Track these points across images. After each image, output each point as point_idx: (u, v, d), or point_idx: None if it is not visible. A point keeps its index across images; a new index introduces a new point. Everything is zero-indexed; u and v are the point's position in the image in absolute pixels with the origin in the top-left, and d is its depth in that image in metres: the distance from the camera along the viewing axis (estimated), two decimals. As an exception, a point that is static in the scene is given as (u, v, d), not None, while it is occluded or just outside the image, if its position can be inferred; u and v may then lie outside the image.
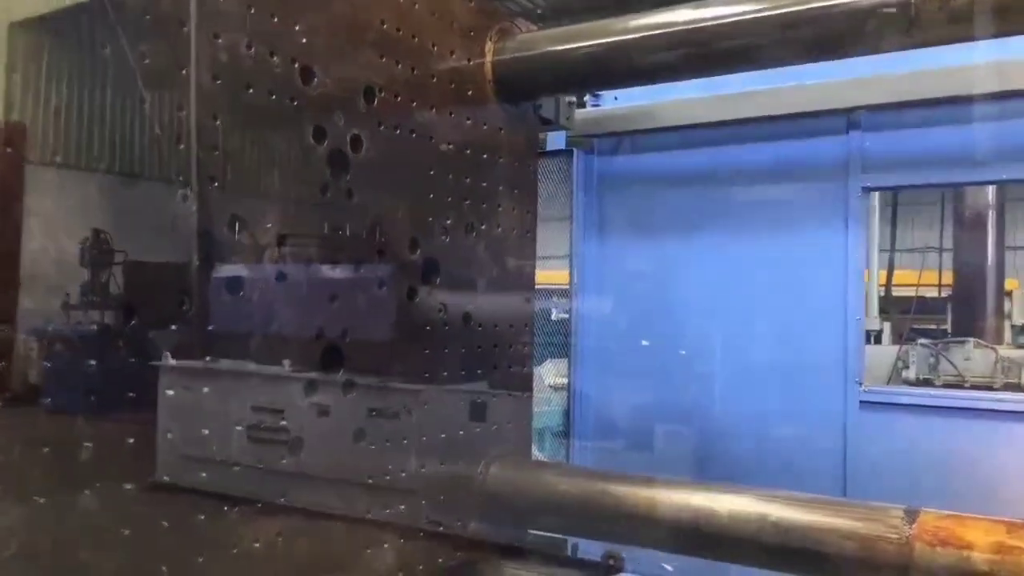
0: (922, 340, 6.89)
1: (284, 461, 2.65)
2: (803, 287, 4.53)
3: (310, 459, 2.70)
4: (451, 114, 3.38)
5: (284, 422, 2.68)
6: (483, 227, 3.52)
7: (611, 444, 4.98)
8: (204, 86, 2.41)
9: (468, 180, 3.45)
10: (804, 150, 4.56)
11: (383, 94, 2.99)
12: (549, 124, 4.31)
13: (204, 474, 2.43)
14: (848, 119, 4.42)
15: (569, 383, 5.14)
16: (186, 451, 2.44)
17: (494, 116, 3.60)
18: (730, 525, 3.03)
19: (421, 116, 3.20)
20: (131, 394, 2.22)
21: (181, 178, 2.38)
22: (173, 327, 2.40)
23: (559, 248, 5.32)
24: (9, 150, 2.20)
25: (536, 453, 4.49)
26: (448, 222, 3.34)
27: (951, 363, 5.93)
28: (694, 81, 4.72)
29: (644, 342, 4.87)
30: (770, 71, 4.52)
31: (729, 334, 4.70)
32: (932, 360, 6.16)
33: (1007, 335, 7.69)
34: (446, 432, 3.29)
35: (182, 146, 2.37)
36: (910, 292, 8.02)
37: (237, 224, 2.49)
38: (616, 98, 4.94)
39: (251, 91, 2.56)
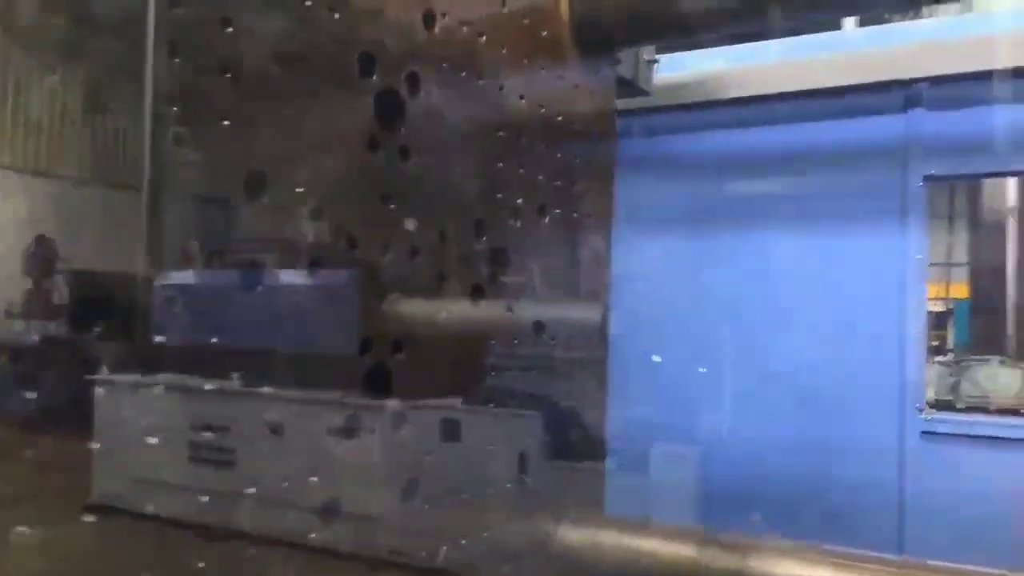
0: (939, 358, 6.08)
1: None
2: (853, 294, 3.68)
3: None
4: (524, 60, 2.67)
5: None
6: (557, 211, 2.79)
7: (615, 476, 4.06)
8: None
9: (543, 147, 2.75)
10: (853, 131, 3.80)
11: (446, 19, 2.25)
12: (626, 86, 3.58)
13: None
14: (907, 94, 3.56)
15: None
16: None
17: (570, 69, 2.91)
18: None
19: (490, 56, 2.47)
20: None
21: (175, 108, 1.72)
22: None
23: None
24: None
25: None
26: (519, 201, 2.60)
27: (975, 384, 5.13)
28: (721, 51, 3.91)
29: (656, 358, 3.96)
30: (814, 39, 3.77)
31: (761, 349, 3.85)
32: (952, 380, 5.36)
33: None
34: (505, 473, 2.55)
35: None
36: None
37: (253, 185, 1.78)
38: (628, 72, 4.04)
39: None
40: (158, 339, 1.90)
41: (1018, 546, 3.38)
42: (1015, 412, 4.94)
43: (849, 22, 5.39)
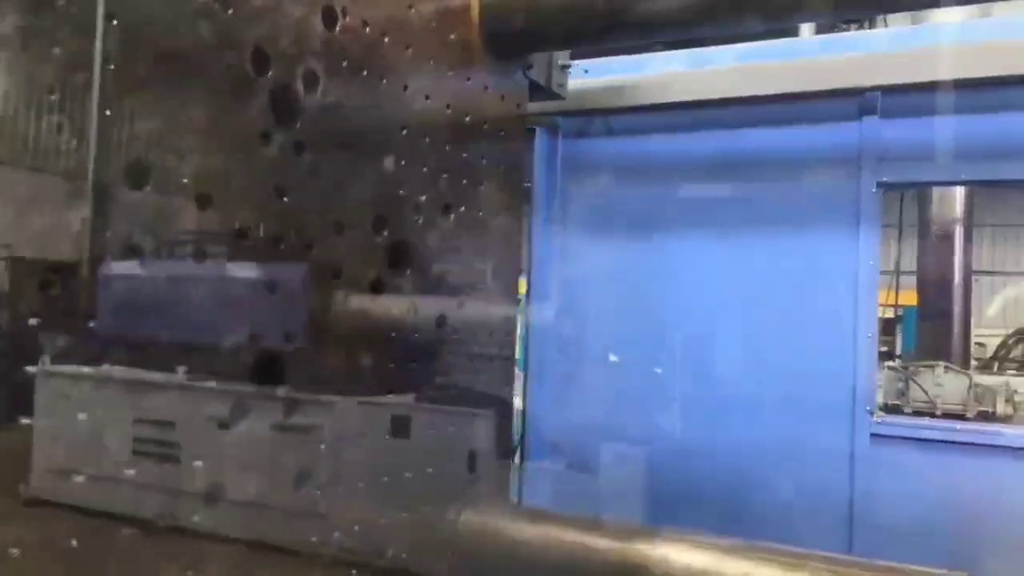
0: (889, 363, 6.16)
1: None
2: (805, 298, 3.71)
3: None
4: (431, 61, 2.66)
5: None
6: (462, 208, 2.82)
7: (569, 477, 4.06)
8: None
9: (448, 148, 2.76)
10: (808, 138, 3.83)
11: (348, 19, 2.25)
12: (539, 91, 3.53)
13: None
14: (861, 102, 3.61)
15: (523, 404, 4.20)
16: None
17: (479, 71, 2.93)
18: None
19: (394, 57, 2.47)
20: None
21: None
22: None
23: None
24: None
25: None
26: (422, 198, 2.62)
27: (922, 388, 5.21)
28: (681, 54, 3.92)
29: (613, 358, 3.95)
30: (770, 45, 3.80)
31: (714, 352, 3.86)
32: (901, 385, 5.43)
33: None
34: (407, 467, 2.57)
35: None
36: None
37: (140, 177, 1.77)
38: (587, 71, 4.03)
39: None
40: (92, 328, 1.86)
41: (956, 542, 3.43)
42: (959, 417, 5.02)
43: (806, 30, 5.49)
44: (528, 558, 2.63)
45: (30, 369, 1.77)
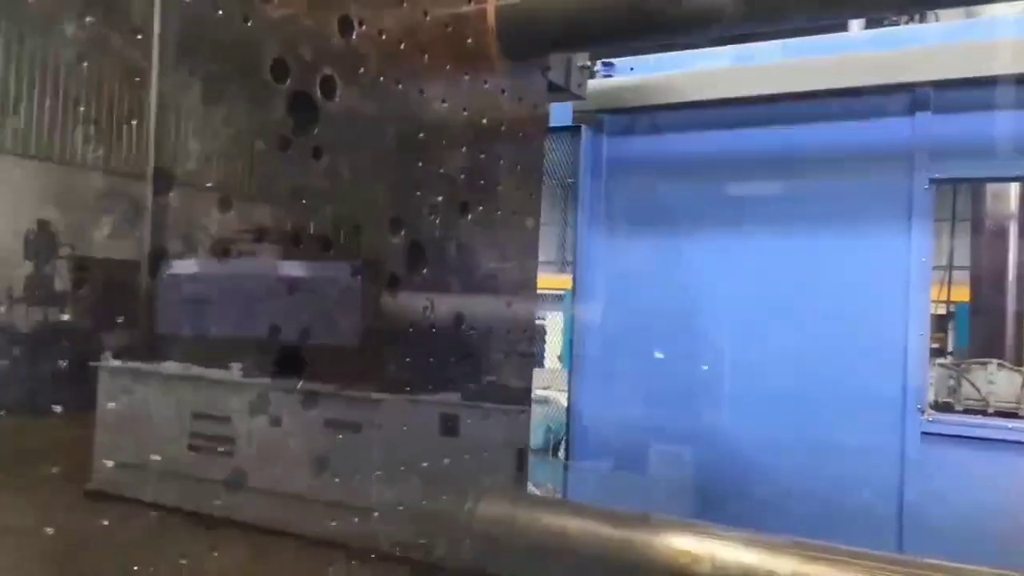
0: (940, 360, 6.05)
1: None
2: (856, 295, 3.67)
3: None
4: (447, 66, 2.68)
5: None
6: (480, 208, 2.84)
7: (615, 474, 4.08)
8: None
9: (464, 149, 2.78)
10: (859, 133, 3.76)
11: (364, 28, 2.29)
12: (558, 91, 3.50)
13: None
14: (913, 98, 3.56)
15: (568, 400, 4.23)
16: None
17: (496, 74, 2.91)
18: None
19: (410, 63, 2.50)
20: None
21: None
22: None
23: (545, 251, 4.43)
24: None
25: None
26: (439, 199, 2.65)
27: (974, 386, 5.11)
28: (725, 49, 3.91)
29: (658, 355, 3.96)
30: (819, 40, 3.77)
31: (762, 349, 3.84)
32: (952, 382, 5.33)
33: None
34: (425, 457, 2.62)
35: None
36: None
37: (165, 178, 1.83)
38: (632, 68, 4.04)
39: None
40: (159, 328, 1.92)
41: (1008, 542, 3.38)
42: (1012, 415, 4.93)
43: (855, 24, 5.42)
44: (570, 551, 2.63)
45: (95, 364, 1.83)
